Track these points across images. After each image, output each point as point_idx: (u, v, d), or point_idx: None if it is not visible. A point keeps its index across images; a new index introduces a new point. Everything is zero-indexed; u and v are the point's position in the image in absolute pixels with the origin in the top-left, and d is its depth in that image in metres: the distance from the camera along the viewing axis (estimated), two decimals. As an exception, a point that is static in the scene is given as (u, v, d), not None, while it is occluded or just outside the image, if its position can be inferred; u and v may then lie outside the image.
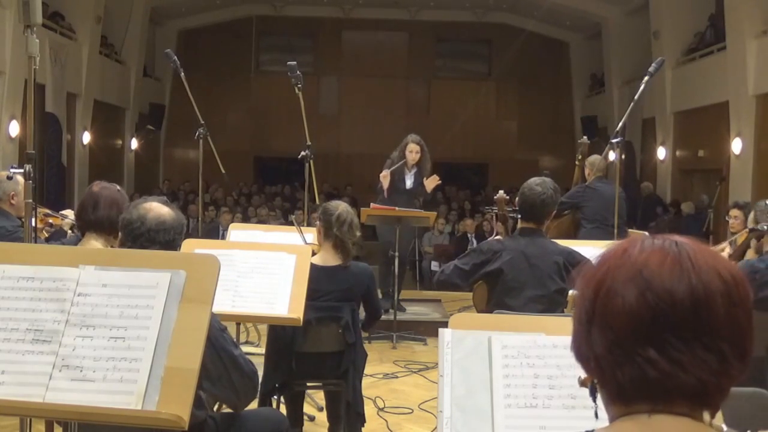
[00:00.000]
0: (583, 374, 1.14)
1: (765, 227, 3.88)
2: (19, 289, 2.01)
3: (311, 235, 4.59)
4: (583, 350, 1.09)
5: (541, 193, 3.69)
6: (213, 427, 2.62)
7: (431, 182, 7.09)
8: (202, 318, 1.96)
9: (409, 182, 7.15)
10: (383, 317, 4.85)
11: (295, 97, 5.52)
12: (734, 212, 5.62)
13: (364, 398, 3.97)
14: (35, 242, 3.36)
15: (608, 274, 1.06)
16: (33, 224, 3.28)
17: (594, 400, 1.11)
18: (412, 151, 7.10)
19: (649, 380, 1.01)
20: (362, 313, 4.05)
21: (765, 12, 10.35)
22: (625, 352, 1.02)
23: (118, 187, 3.43)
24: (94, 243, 3.24)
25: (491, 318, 2.73)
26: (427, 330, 6.65)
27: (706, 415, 1.04)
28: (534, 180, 3.79)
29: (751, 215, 4.23)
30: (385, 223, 6.88)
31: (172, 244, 2.52)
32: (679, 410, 1.02)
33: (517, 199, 3.86)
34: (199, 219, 6.62)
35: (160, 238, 2.49)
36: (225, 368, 2.37)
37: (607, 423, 1.10)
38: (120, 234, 2.58)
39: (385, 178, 6.99)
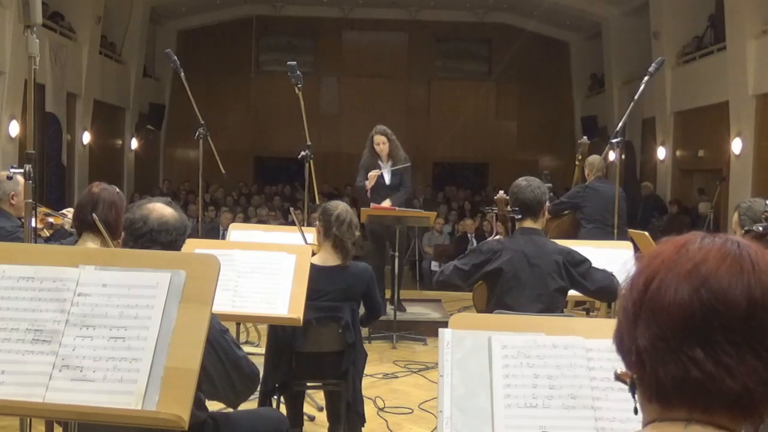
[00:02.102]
0: (621, 368, 1.08)
1: (760, 228, 3.86)
2: (19, 289, 2.01)
3: (311, 235, 4.59)
4: (625, 342, 1.03)
5: (528, 185, 3.77)
6: (213, 427, 2.62)
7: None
8: (202, 318, 1.96)
9: (387, 176, 6.96)
10: (383, 317, 4.85)
11: (295, 97, 5.51)
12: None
13: (364, 398, 3.98)
14: (35, 242, 3.36)
15: (662, 266, 1.01)
16: (33, 224, 3.27)
17: (633, 396, 1.06)
18: (379, 143, 6.89)
19: (691, 381, 0.96)
20: (362, 311, 4.05)
21: (765, 12, 10.36)
22: (670, 348, 0.97)
23: (118, 190, 3.43)
24: (91, 244, 3.24)
25: (491, 318, 2.73)
26: (427, 330, 6.65)
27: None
28: (519, 179, 3.86)
29: (735, 216, 4.18)
30: (385, 223, 6.85)
31: (174, 245, 2.52)
32: (719, 421, 0.97)
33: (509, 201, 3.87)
34: (199, 219, 6.62)
35: (162, 239, 2.49)
36: (226, 371, 2.38)
37: (629, 426, 1.07)
38: (123, 233, 2.58)
39: (374, 177, 6.84)
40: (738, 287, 0.96)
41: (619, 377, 1.10)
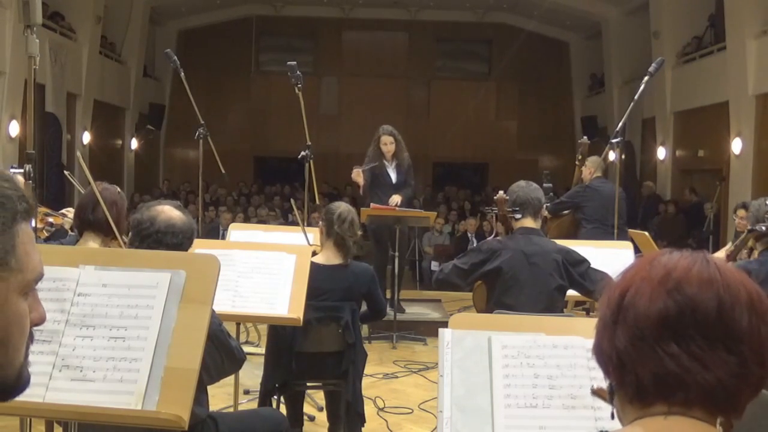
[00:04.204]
0: (597, 385, 1.15)
1: (763, 228, 3.86)
2: (19, 289, 2.01)
3: (312, 235, 4.60)
4: (605, 348, 1.09)
5: (528, 187, 3.83)
6: (213, 427, 2.63)
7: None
8: (202, 318, 1.96)
9: (393, 176, 7.02)
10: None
11: (295, 97, 5.51)
12: (741, 212, 5.66)
13: (364, 398, 3.98)
14: (35, 242, 3.35)
15: (636, 277, 1.09)
16: (33, 224, 3.27)
17: (611, 403, 1.12)
18: (386, 143, 6.96)
19: (669, 375, 1.02)
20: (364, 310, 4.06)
21: (765, 12, 10.35)
22: (648, 344, 1.03)
23: (119, 189, 3.45)
24: (92, 243, 3.24)
25: (491, 318, 2.74)
26: (427, 330, 6.65)
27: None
28: (517, 182, 3.93)
29: (749, 214, 4.22)
30: (385, 223, 6.85)
31: (180, 248, 2.54)
32: (696, 414, 1.03)
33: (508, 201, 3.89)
34: (199, 219, 6.61)
35: (168, 241, 2.51)
36: (222, 361, 2.48)
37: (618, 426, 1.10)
38: (129, 233, 2.62)
39: (358, 175, 6.86)
40: (708, 291, 1.03)
41: (596, 393, 1.18)
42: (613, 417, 1.12)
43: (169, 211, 2.58)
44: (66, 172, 3.27)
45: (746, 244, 4.35)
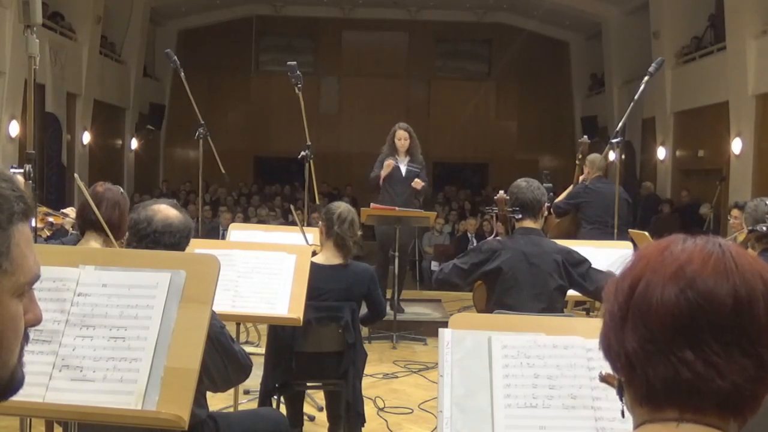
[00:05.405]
0: (606, 371, 1.08)
1: (764, 228, 3.87)
2: (19, 289, 2.01)
3: (311, 235, 4.60)
4: (613, 346, 1.03)
5: (528, 186, 3.81)
6: (213, 427, 2.63)
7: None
8: (202, 318, 1.96)
9: (403, 169, 7.12)
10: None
11: (295, 97, 5.51)
12: (734, 212, 5.68)
13: (364, 398, 3.98)
14: (35, 242, 3.36)
15: (647, 269, 1.02)
16: (33, 224, 3.28)
17: (621, 399, 1.06)
18: (401, 138, 7.08)
19: (681, 382, 0.97)
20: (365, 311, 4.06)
21: (765, 12, 10.36)
22: (660, 349, 0.98)
23: (122, 190, 3.46)
24: (94, 243, 3.25)
25: (491, 318, 2.74)
26: (427, 330, 6.65)
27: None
28: (518, 179, 3.91)
29: (745, 215, 4.22)
30: (385, 224, 6.88)
31: (178, 247, 2.53)
32: (709, 420, 0.98)
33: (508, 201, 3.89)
34: (199, 219, 6.61)
35: (166, 240, 2.50)
36: (224, 365, 2.44)
37: (629, 427, 1.06)
38: (127, 233, 2.61)
39: (389, 166, 6.96)
40: (724, 287, 0.97)
41: (604, 379, 1.11)
42: (623, 415, 1.07)
43: (165, 210, 2.56)
44: (80, 183, 3.27)
45: (747, 243, 4.34)
